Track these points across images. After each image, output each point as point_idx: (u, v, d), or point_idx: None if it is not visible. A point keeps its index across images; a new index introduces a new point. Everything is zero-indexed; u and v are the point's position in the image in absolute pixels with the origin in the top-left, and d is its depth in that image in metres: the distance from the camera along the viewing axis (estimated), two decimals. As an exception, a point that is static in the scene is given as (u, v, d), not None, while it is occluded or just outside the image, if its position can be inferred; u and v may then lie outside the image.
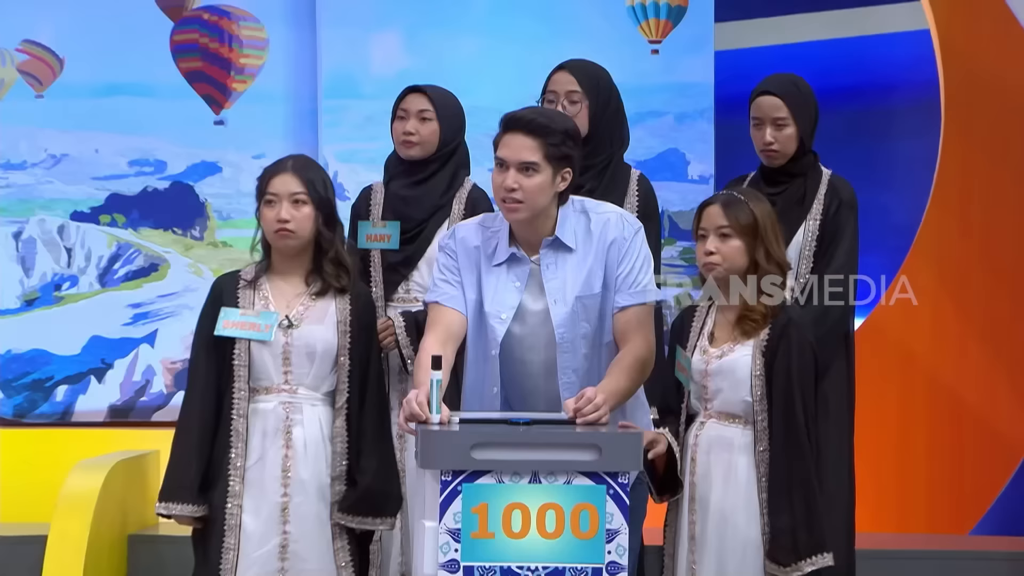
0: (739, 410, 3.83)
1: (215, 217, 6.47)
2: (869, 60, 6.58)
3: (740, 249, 3.81)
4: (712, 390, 3.85)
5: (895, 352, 6.33)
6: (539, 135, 3.64)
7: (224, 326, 3.97)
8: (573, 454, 3.39)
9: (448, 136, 4.69)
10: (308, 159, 4.10)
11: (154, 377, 6.43)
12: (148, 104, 6.41)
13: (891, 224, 6.41)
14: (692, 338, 3.90)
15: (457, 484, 3.36)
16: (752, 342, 3.81)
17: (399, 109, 4.70)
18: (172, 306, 6.42)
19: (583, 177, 4.30)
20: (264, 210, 4.02)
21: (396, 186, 4.71)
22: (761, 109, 4.63)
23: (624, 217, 3.83)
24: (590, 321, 3.77)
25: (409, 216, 4.66)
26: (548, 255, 3.76)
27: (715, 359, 3.84)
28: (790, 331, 3.78)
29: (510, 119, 3.67)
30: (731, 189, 4.74)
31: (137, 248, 6.45)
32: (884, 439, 6.27)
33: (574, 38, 6.37)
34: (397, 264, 4.67)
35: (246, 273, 4.08)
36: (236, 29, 6.46)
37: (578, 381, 3.75)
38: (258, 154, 6.31)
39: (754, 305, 3.80)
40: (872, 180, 6.48)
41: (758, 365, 3.79)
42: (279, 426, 3.97)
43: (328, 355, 4.00)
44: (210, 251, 6.45)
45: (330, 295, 4.02)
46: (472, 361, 3.84)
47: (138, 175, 6.45)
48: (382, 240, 4.65)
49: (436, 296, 3.80)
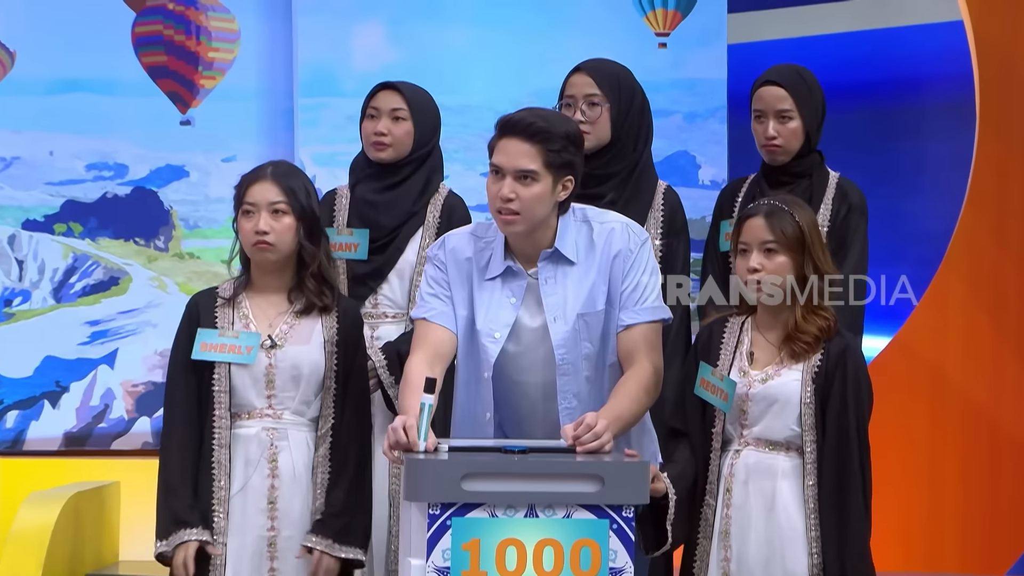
0: (782, 437, 3.82)
1: (181, 226, 6.45)
2: (896, 53, 6.64)
3: (787, 265, 3.80)
4: (753, 415, 3.83)
5: (925, 372, 6.33)
6: (538, 141, 3.63)
7: (202, 349, 3.99)
8: (573, 485, 3.37)
9: (423, 138, 4.67)
10: (289, 165, 4.13)
11: (114, 401, 6.40)
12: (107, 102, 6.40)
13: (921, 233, 6.44)
14: (725, 356, 3.89)
15: (446, 518, 3.34)
16: (801, 366, 3.81)
17: (369, 107, 4.69)
18: (134, 323, 6.40)
19: (603, 187, 4.36)
20: (242, 221, 4.02)
21: (364, 190, 4.70)
22: (763, 100, 4.65)
23: (629, 227, 3.82)
24: (592, 340, 3.76)
25: (378, 223, 4.65)
26: (547, 268, 3.75)
27: (758, 383, 3.83)
28: (847, 358, 3.79)
29: (506, 123, 3.66)
30: (730, 190, 4.75)
31: (95, 260, 6.44)
32: (913, 468, 6.26)
33: (574, 30, 6.44)
34: (365, 276, 4.66)
35: (224, 290, 4.09)
36: (204, 20, 6.46)
37: (580, 406, 3.74)
38: (228, 157, 6.34)
39: (805, 327, 3.80)
40: (900, 185, 6.49)
41: (808, 392, 3.78)
42: (263, 453, 3.99)
43: (315, 377, 4.01)
44: (175, 263, 6.43)
45: (315, 312, 4.04)
46: (463, 384, 3.84)
47: (96, 180, 6.44)
48: (349, 249, 4.64)
49: (424, 312, 3.78)
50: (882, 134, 6.58)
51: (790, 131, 4.62)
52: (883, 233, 5.90)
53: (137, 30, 6.42)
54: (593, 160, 4.40)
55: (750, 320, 3.90)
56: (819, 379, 3.77)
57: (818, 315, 3.80)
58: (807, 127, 4.63)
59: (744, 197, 4.70)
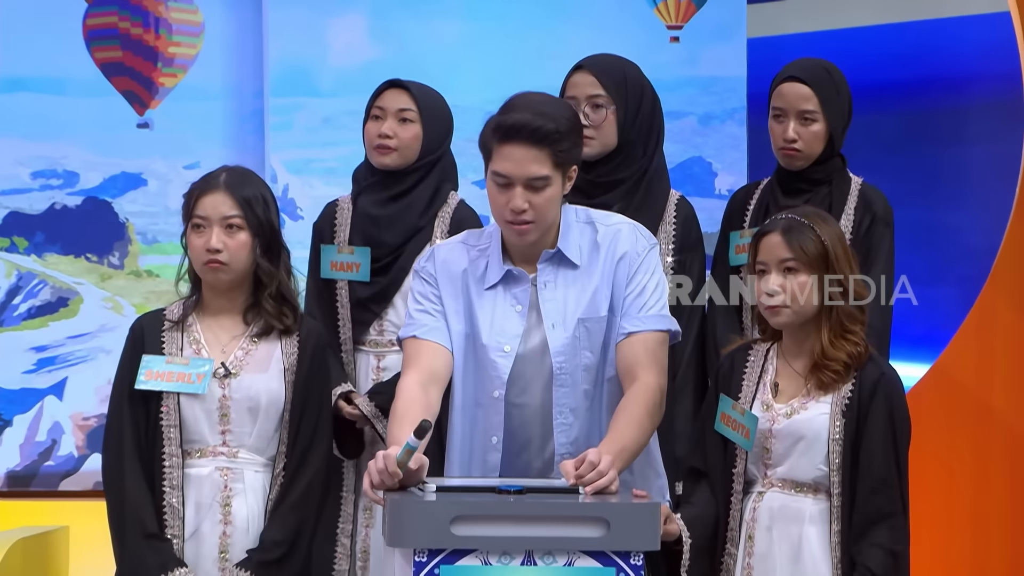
0: (809, 478, 3.81)
1: (138, 240, 6.47)
2: (935, 48, 6.65)
3: (809, 285, 3.80)
4: (777, 454, 3.82)
5: (968, 404, 6.32)
6: (546, 144, 3.65)
7: (147, 377, 3.96)
8: (576, 529, 3.35)
9: (432, 142, 4.68)
10: (245, 172, 4.08)
11: (62, 436, 6.40)
12: (56, 103, 6.43)
13: (963, 248, 6.44)
14: (747, 388, 3.89)
15: (434, 566, 3.32)
16: (830, 398, 3.80)
17: (374, 107, 4.68)
18: (85, 349, 6.41)
19: (610, 195, 4.37)
20: (191, 236, 4.02)
21: (366, 202, 4.70)
22: (785, 98, 4.64)
23: (637, 229, 3.83)
24: (593, 350, 3.76)
25: (381, 241, 4.65)
26: (547, 271, 3.77)
27: (782, 417, 3.82)
28: (882, 388, 3.77)
29: (510, 127, 3.65)
30: (740, 197, 4.75)
31: (42, 279, 6.45)
32: (956, 511, 6.25)
33: (575, 22, 6.46)
34: (367, 300, 4.65)
35: (172, 312, 4.07)
36: (164, 11, 6.48)
37: (576, 423, 3.75)
38: (191, 163, 6.33)
39: (833, 353, 3.79)
40: (940, 194, 6.49)
41: (838, 427, 3.77)
42: (216, 496, 3.96)
43: (274, 410, 3.99)
44: (132, 282, 6.45)
45: (274, 336, 4.02)
46: (460, 408, 3.83)
47: (44, 189, 6.45)
48: (349, 269, 4.65)
49: (413, 330, 3.78)
50: (919, 138, 6.59)
51: (812, 134, 4.62)
52: (921, 249, 5.91)
53: (89, 22, 6.43)
54: (598, 167, 4.40)
55: (775, 348, 3.91)
56: (850, 412, 3.76)
57: (847, 340, 3.79)
58: (831, 130, 4.63)
59: (756, 205, 4.72)
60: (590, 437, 3.72)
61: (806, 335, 3.82)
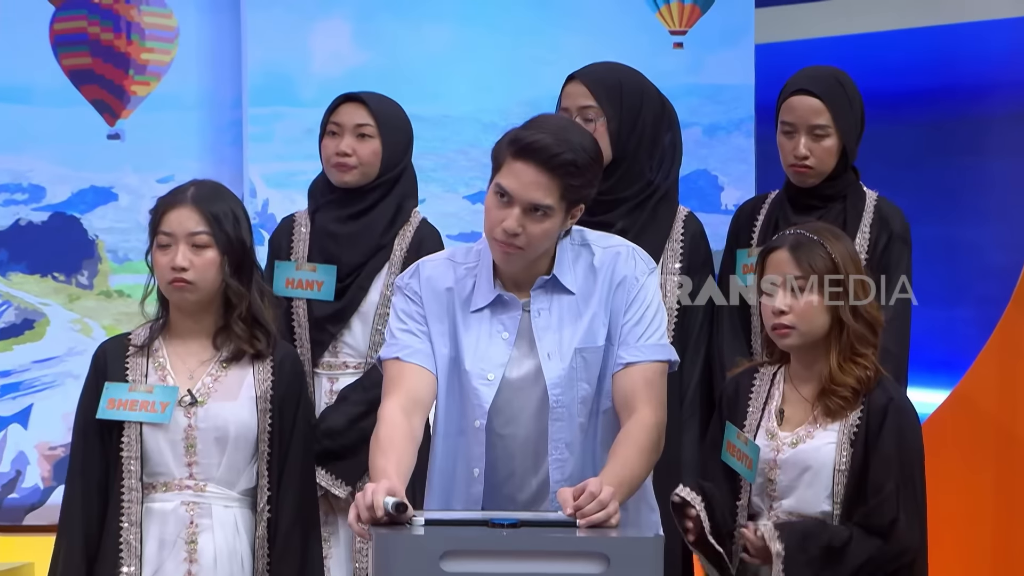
0: (818, 511, 3.81)
1: (108, 259, 6.48)
2: (955, 55, 6.64)
3: (819, 305, 3.80)
4: (782, 486, 3.83)
5: (991, 431, 6.31)
6: (559, 174, 3.63)
7: (108, 406, 3.95)
8: (574, 565, 3.33)
9: (392, 158, 4.71)
10: (216, 187, 4.09)
11: (27, 467, 6.41)
12: (21, 112, 6.44)
13: (985, 266, 6.45)
14: (752, 415, 3.89)
15: (422, 605, 3.32)
16: (837, 426, 3.80)
17: (330, 123, 4.72)
18: (51, 374, 6.41)
19: (612, 214, 4.36)
20: (156, 253, 4.02)
21: (325, 219, 4.73)
22: (794, 112, 4.63)
23: (636, 253, 3.82)
24: (591, 381, 3.75)
25: (339, 259, 4.69)
26: (540, 298, 3.77)
27: (787, 446, 3.83)
28: (892, 414, 3.77)
29: (526, 146, 3.63)
30: (747, 212, 4.76)
31: (6, 299, 6.47)
32: (978, 547, 6.23)
33: (574, 28, 6.47)
34: (323, 320, 4.68)
35: (137, 336, 4.06)
36: (136, 15, 6.49)
37: (571, 458, 3.74)
38: (164, 177, 6.30)
39: (842, 378, 3.78)
40: (960, 209, 6.50)
41: (844, 458, 3.77)
42: (180, 533, 3.95)
43: (244, 441, 3.98)
44: (102, 303, 6.45)
45: (246, 361, 4.01)
46: (443, 435, 3.82)
47: (7, 204, 6.46)
48: (311, 288, 4.67)
49: (396, 351, 3.76)
50: (938, 150, 6.58)
51: (824, 150, 4.60)
52: (938, 267, 5.90)
53: (56, 27, 6.45)
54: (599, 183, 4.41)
55: (783, 371, 3.92)
56: (858, 441, 3.76)
57: (857, 364, 3.79)
58: (844, 144, 4.62)
59: (764, 221, 4.70)
60: (583, 474, 3.69)
61: (815, 358, 3.83)
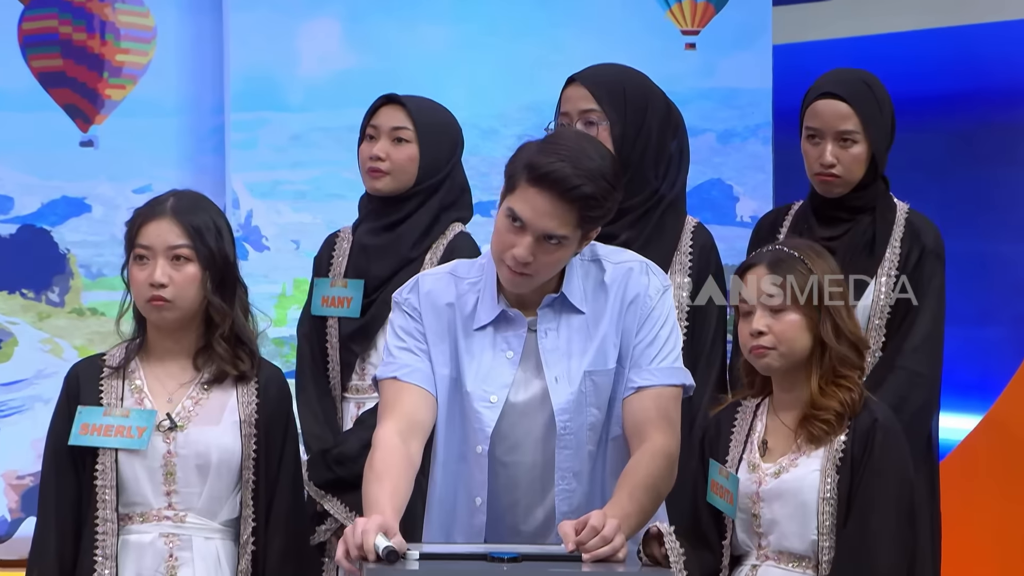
0: (805, 547, 3.81)
1: (81, 274, 6.49)
2: (988, 56, 6.66)
3: (799, 325, 3.82)
4: (766, 520, 3.83)
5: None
6: (578, 207, 3.64)
7: (82, 432, 3.96)
8: (578, 603, 3.36)
9: (432, 165, 4.74)
10: (197, 197, 4.09)
11: (-6, 498, 6.30)
12: (-13, 118, 6.33)
13: (1020, 283, 6.44)
14: (735, 448, 3.91)
15: (417, 645, 3.33)
16: (821, 452, 3.81)
17: (369, 126, 4.78)
18: (19, 399, 6.42)
19: (615, 225, 4.35)
20: (133, 268, 4.04)
21: (362, 232, 4.80)
22: (820, 118, 4.64)
23: (650, 268, 3.85)
24: (600, 406, 3.78)
25: (369, 272, 4.73)
26: (548, 317, 3.79)
27: (769, 477, 3.83)
28: (879, 437, 3.78)
29: (544, 175, 3.63)
30: (770, 222, 4.78)
31: (-29, 318, 6.36)
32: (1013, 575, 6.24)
33: (578, 27, 6.53)
34: (349, 339, 4.72)
35: (111, 356, 4.08)
36: (111, 14, 6.49)
37: (579, 488, 3.77)
38: (141, 187, 6.31)
39: (824, 402, 3.79)
40: (989, 222, 6.53)
41: (828, 486, 3.77)
42: (159, 567, 3.96)
43: (227, 468, 4.00)
44: (74, 321, 6.47)
45: (229, 383, 4.03)
46: (443, 462, 3.85)
47: (-28, 216, 6.43)
48: (340, 305, 4.72)
49: (393, 370, 3.77)
50: (967, 158, 6.62)
51: (852, 157, 4.61)
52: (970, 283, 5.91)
53: (25, 26, 6.46)
54: None
55: (766, 403, 3.94)
56: (845, 469, 3.77)
57: (840, 387, 3.80)
58: (873, 152, 4.63)
59: (788, 234, 4.71)
60: (591, 505, 3.70)
61: (795, 383, 3.84)
